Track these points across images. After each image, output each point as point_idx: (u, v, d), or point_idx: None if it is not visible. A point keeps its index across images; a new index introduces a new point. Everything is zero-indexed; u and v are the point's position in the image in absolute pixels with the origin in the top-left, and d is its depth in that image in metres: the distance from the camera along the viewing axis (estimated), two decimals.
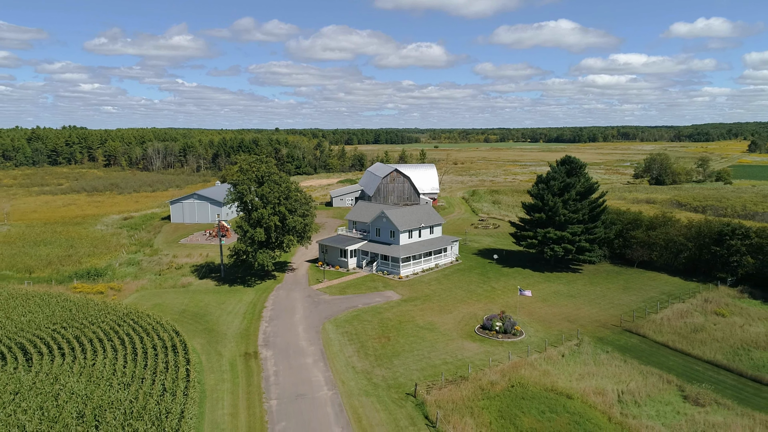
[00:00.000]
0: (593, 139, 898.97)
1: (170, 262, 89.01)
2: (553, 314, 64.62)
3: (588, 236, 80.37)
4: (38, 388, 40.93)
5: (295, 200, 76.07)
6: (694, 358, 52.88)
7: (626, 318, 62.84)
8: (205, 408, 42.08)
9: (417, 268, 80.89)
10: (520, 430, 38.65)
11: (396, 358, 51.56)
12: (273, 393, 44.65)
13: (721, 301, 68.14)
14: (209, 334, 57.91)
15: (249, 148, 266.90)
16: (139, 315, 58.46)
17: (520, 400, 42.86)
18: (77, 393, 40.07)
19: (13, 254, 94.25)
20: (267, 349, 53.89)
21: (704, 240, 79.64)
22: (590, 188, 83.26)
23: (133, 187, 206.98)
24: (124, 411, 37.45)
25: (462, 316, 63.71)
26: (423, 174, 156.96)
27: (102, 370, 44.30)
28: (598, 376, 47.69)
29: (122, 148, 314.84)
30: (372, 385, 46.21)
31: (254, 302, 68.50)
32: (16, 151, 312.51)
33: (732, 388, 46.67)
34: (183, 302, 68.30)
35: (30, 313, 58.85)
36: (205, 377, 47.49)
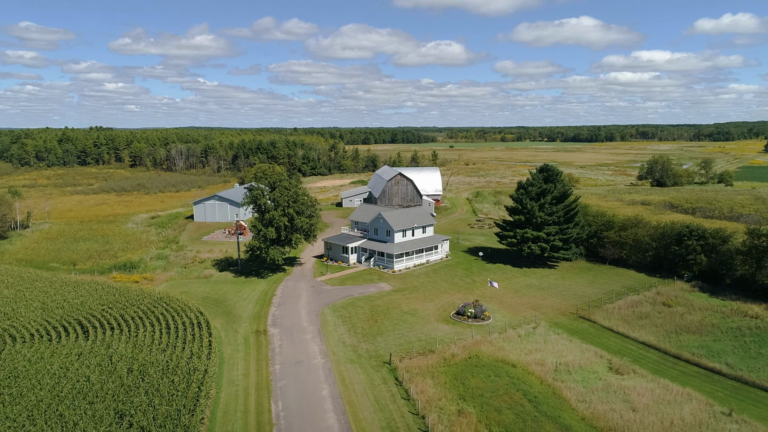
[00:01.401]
0: (610, 138, 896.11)
1: (194, 256, 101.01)
2: (521, 303, 74.90)
3: (562, 236, 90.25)
4: (96, 352, 52.86)
5: (302, 203, 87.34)
6: (631, 339, 62.86)
7: (583, 307, 72.87)
8: (223, 369, 53.56)
9: (409, 263, 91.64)
10: (467, 387, 49.32)
11: (379, 336, 62.51)
12: (277, 360, 55.98)
13: (672, 293, 77.66)
14: (227, 316, 69.53)
15: (267, 150, 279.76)
16: (169, 299, 70.39)
17: (473, 368, 53.49)
18: (125, 355, 51.88)
19: (58, 249, 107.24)
20: (274, 327, 65.28)
21: (667, 240, 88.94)
22: (565, 193, 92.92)
23: (158, 188, 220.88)
24: (162, 368, 49.09)
25: (442, 304, 74.36)
26: (427, 176, 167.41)
27: (143, 340, 56.13)
28: (543, 352, 57.98)
29: (147, 149, 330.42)
30: (357, 355, 57.26)
31: (266, 291, 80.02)
32: (48, 152, 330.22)
33: (654, 363, 56.61)
34: (205, 290, 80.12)
35: (81, 297, 71.21)
36: (224, 348, 59.01)
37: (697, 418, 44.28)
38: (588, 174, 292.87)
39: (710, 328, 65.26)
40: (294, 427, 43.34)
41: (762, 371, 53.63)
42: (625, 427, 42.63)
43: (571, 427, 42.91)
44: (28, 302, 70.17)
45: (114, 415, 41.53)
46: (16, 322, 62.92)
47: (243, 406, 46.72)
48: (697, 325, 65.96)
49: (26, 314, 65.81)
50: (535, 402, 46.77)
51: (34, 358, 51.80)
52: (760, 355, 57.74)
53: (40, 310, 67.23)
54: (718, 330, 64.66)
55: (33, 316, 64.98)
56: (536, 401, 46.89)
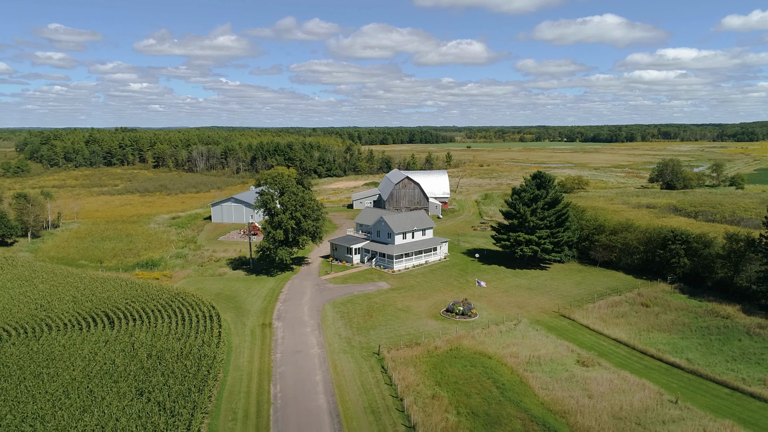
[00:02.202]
0: (631, 138, 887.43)
1: (210, 255, 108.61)
2: (508, 302, 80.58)
3: (553, 239, 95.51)
4: (120, 339, 60.31)
5: (308, 207, 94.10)
6: (605, 336, 68.19)
7: (565, 306, 78.26)
8: (231, 357, 60.54)
9: (409, 263, 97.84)
10: (444, 375, 55.45)
11: (372, 330, 68.91)
12: (279, 349, 62.78)
13: (652, 294, 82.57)
14: (237, 310, 76.63)
15: (284, 152, 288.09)
16: (185, 295, 77.79)
17: (453, 359, 59.58)
18: (145, 343, 59.21)
19: (86, 247, 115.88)
20: (279, 321, 72.15)
21: (653, 244, 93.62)
22: (556, 199, 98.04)
23: (179, 188, 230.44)
24: (176, 354, 56.23)
25: (434, 302, 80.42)
26: (435, 180, 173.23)
27: (161, 329, 63.42)
28: (519, 346, 63.72)
29: (170, 150, 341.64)
30: (350, 346, 63.76)
31: (274, 288, 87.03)
32: (76, 153, 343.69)
33: (621, 357, 61.96)
34: (219, 287, 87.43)
35: (107, 292, 79.05)
36: (233, 338, 66.03)
37: (645, 405, 49.78)
38: (601, 176, 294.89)
39: (681, 326, 70.24)
40: (288, 406, 50.00)
41: (717, 366, 58.72)
42: (577, 410, 48.36)
43: (530, 410, 48.78)
44: (61, 296, 78.27)
45: (135, 392, 48.70)
46: (51, 313, 70.92)
47: (246, 388, 53.57)
48: (669, 324, 70.99)
49: (60, 306, 73.82)
50: (502, 389, 52.72)
51: (68, 344, 59.46)
52: (720, 351, 62.70)
53: (71, 303, 75.22)
54: (688, 329, 69.61)
55: (66, 308, 72.94)
56: (503, 388, 52.83)
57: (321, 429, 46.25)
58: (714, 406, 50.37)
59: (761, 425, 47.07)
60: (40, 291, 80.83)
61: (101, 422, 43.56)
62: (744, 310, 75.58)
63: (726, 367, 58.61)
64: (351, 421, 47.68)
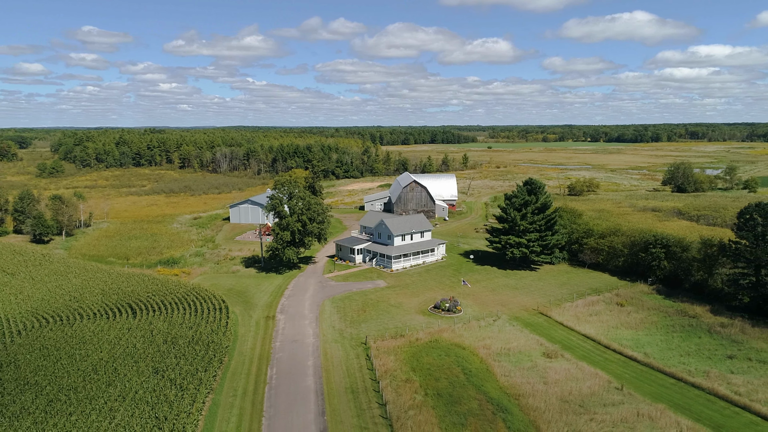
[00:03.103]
0: (656, 138, 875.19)
1: (226, 254, 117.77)
2: (493, 300, 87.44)
3: (541, 242, 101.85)
4: (140, 327, 69.39)
5: (314, 211, 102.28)
6: (576, 332, 74.61)
7: (545, 304, 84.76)
8: (236, 344, 69.03)
9: (406, 264, 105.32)
10: (420, 362, 62.92)
11: (364, 323, 76.69)
12: (279, 338, 71.06)
13: (629, 295, 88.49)
14: (246, 304, 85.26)
15: (303, 154, 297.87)
16: (200, 290, 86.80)
17: (430, 349, 66.97)
18: (162, 330, 68.13)
19: (114, 245, 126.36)
20: (281, 314, 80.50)
21: (637, 248, 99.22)
22: (546, 205, 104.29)
23: (202, 189, 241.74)
24: (188, 340, 64.95)
25: (425, 299, 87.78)
26: (444, 183, 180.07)
27: (176, 319, 72.35)
28: (493, 339, 70.70)
29: (195, 152, 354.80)
30: (341, 337, 71.68)
31: (280, 285, 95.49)
32: (106, 154, 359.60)
33: (585, 351, 68.42)
34: (231, 283, 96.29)
35: (132, 286, 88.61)
36: (239, 328, 74.58)
37: (592, 390, 56.50)
38: (615, 178, 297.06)
39: (648, 324, 76.28)
40: (281, 386, 58.16)
41: (670, 359, 64.87)
42: (530, 394, 55.35)
43: (488, 393, 55.96)
44: (92, 289, 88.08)
45: (151, 370, 57.48)
46: (83, 304, 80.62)
47: (247, 370, 61.93)
48: (638, 322, 77.06)
49: (90, 298, 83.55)
50: (468, 374, 59.98)
51: (96, 330, 68.76)
52: (678, 347, 68.72)
53: (100, 295, 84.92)
54: (654, 326, 75.61)
55: (95, 300, 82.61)
56: (470, 374, 60.08)
57: (307, 404, 54.27)
58: (655, 393, 56.75)
59: (692, 409, 53.35)
60: (73, 284, 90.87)
61: (123, 394, 52.36)
62: (712, 310, 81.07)
63: (678, 360, 64.70)
64: (333, 398, 55.59)
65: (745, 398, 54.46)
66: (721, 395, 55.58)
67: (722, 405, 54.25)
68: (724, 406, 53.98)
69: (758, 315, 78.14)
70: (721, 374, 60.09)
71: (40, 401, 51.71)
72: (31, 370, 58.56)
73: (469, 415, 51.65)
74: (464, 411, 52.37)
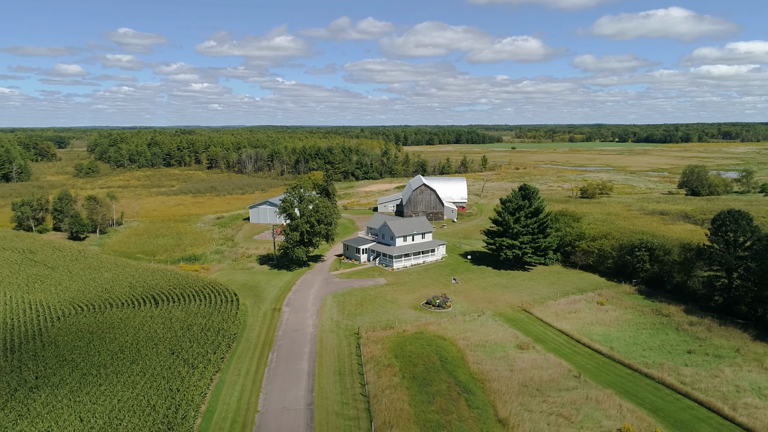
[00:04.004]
0: (687, 139, 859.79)
1: (243, 252, 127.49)
2: (482, 298, 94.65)
3: (533, 245, 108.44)
4: (161, 315, 79.12)
5: (321, 213, 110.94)
6: (553, 327, 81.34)
7: (529, 302, 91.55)
8: (244, 332, 78.12)
9: (407, 263, 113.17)
10: (403, 350, 70.83)
11: (359, 316, 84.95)
12: (282, 328, 79.90)
13: (611, 294, 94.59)
14: (256, 297, 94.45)
15: (324, 156, 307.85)
16: (216, 284, 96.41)
17: (415, 339, 74.81)
18: (180, 318, 77.72)
19: (143, 243, 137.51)
20: (287, 306, 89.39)
21: (624, 251, 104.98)
22: (538, 209, 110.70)
23: (227, 190, 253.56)
24: (202, 327, 74.30)
25: (420, 295, 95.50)
26: (454, 186, 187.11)
27: (193, 309, 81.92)
28: (474, 332, 78.09)
29: (222, 153, 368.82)
30: (337, 328, 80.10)
31: (289, 281, 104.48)
32: (139, 155, 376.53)
33: (556, 344, 75.23)
34: (245, 278, 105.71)
35: (156, 280, 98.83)
36: (248, 319, 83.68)
37: (552, 377, 63.59)
38: (633, 180, 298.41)
39: (621, 322, 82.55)
40: (279, 367, 66.86)
41: (633, 353, 71.24)
42: (495, 379, 62.72)
43: (458, 377, 63.57)
44: (121, 282, 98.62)
45: (168, 352, 66.88)
46: (113, 295, 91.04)
47: (251, 354, 70.85)
48: (613, 320, 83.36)
49: (119, 290, 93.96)
50: (444, 362, 67.66)
51: (123, 317, 78.77)
52: (644, 342, 74.95)
53: (128, 287, 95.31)
54: (627, 324, 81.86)
55: (123, 292, 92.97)
56: (445, 361, 67.76)
57: (299, 383, 62.84)
58: (609, 381, 63.49)
59: (638, 395, 59.97)
60: (105, 278, 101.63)
61: (143, 370, 61.84)
62: (686, 310, 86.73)
63: (640, 354, 71.07)
64: (322, 379, 64.04)
65: (688, 387, 60.84)
66: (668, 384, 62.05)
67: (667, 392, 60.74)
68: (668, 393, 60.48)
69: (728, 315, 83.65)
70: (675, 366, 66.35)
71: (75, 374, 61.54)
72: (68, 349, 68.64)
73: (437, 394, 59.43)
74: (434, 391, 60.15)
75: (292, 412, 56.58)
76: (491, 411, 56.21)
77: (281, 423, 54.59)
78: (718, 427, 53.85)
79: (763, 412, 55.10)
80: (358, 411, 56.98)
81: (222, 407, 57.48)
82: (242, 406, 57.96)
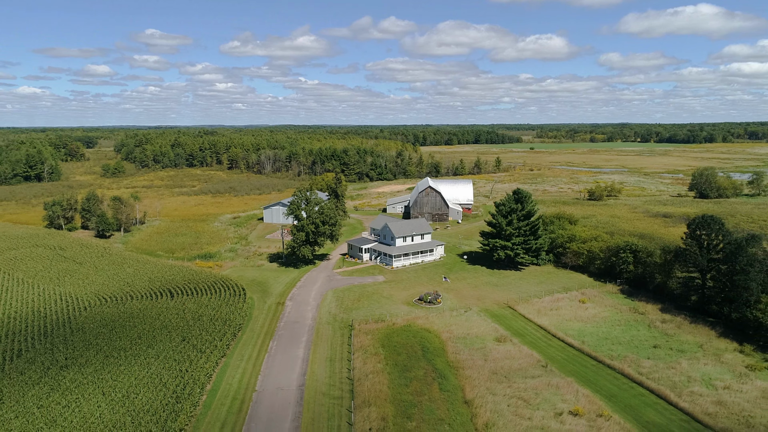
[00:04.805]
0: (710, 139, 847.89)
1: (255, 251, 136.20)
2: (472, 295, 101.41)
3: (525, 246, 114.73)
4: (175, 306, 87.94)
5: (326, 215, 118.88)
6: (533, 323, 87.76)
7: (516, 300, 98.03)
8: (249, 322, 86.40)
9: (406, 262, 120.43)
10: (389, 341, 78.22)
11: (355, 310, 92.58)
12: (283, 320, 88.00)
13: (594, 293, 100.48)
14: (263, 292, 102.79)
15: (340, 157, 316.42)
16: (226, 279, 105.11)
17: (402, 331, 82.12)
18: (192, 309, 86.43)
19: (163, 241, 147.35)
20: (290, 301, 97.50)
21: (610, 253, 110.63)
22: (530, 212, 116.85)
23: (245, 190, 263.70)
24: (211, 317, 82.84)
25: (414, 292, 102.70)
26: (460, 188, 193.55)
27: (204, 301, 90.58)
28: (458, 326, 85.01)
29: (242, 154, 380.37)
30: (334, 320, 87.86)
31: (295, 277, 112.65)
32: (162, 156, 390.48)
33: (534, 338, 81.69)
34: (255, 275, 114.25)
35: (173, 275, 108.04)
36: (254, 311, 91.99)
37: (521, 367, 70.28)
38: (645, 182, 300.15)
39: (598, 319, 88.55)
40: (278, 354, 74.87)
41: (601, 347, 77.38)
42: (469, 367, 69.68)
43: (435, 364, 70.68)
44: (141, 277, 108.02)
45: (180, 338, 75.48)
46: (133, 288, 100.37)
47: (254, 342, 79.02)
48: (590, 317, 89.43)
49: (139, 284, 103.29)
50: (425, 351, 74.84)
51: (142, 308, 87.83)
52: (615, 337, 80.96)
53: (147, 282, 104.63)
54: (603, 321, 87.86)
55: (143, 285, 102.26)
56: (426, 350, 74.93)
57: (294, 368, 70.71)
58: (574, 370, 69.93)
59: (597, 383, 66.32)
60: (127, 273, 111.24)
61: (157, 354, 70.48)
62: (662, 309, 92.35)
63: (608, 348, 77.20)
64: (314, 364, 71.85)
65: (644, 377, 67.02)
66: (626, 374, 68.30)
67: (624, 381, 67.01)
68: (624, 382, 66.75)
69: (700, 314, 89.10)
70: (637, 359, 72.45)
71: (99, 356, 70.46)
72: (93, 335, 77.76)
73: (414, 379, 66.71)
74: (412, 376, 67.44)
75: (285, 392, 64.48)
76: (460, 394, 63.29)
77: (275, 400, 62.53)
78: (662, 411, 60.07)
79: (705, 399, 61.15)
80: (343, 392, 64.62)
81: (225, 386, 65.65)
82: (242, 386, 66.07)
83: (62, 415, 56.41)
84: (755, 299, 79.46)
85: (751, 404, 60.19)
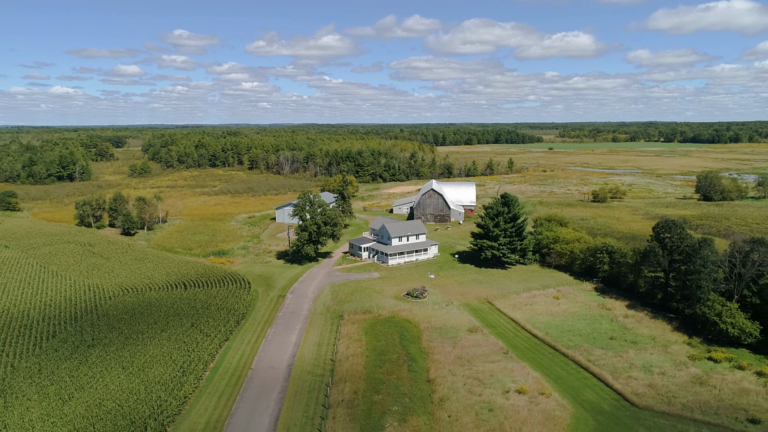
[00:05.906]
0: (736, 139, 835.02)
1: (265, 248, 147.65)
2: (457, 291, 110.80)
3: (510, 246, 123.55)
4: (187, 297, 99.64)
5: (328, 216, 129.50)
6: (507, 316, 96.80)
7: (495, 296, 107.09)
8: (252, 312, 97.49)
9: (401, 260, 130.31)
10: (373, 330, 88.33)
11: (347, 302, 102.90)
12: (282, 310, 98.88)
13: (568, 291, 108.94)
14: (267, 286, 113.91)
15: (354, 159, 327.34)
16: (235, 274, 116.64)
17: (386, 322, 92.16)
18: (201, 299, 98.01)
19: (182, 239, 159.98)
20: (291, 294, 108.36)
21: (588, 253, 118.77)
22: (516, 215, 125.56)
23: (263, 190, 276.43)
24: (218, 306, 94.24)
25: (404, 287, 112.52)
26: (464, 190, 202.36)
27: (213, 292, 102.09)
28: (438, 317, 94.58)
29: (262, 155, 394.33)
30: (327, 311, 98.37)
31: (298, 273, 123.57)
32: (186, 156, 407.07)
33: (504, 330, 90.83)
34: (262, 270, 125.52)
35: (188, 270, 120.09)
36: (257, 302, 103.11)
37: (485, 353, 79.63)
38: (654, 184, 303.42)
39: (567, 314, 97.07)
40: (273, 340, 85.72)
41: (562, 338, 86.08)
42: (438, 352, 79.32)
43: (409, 350, 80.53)
44: (160, 271, 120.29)
45: (189, 324, 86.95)
46: (152, 281, 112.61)
47: (254, 329, 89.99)
48: (561, 312, 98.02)
49: (158, 277, 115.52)
50: (402, 338, 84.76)
51: (159, 298, 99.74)
52: (577, 329, 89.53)
53: (165, 275, 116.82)
54: (573, 316, 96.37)
55: (161, 278, 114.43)
56: (403, 338, 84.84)
57: (286, 350, 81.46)
58: (531, 357, 79.01)
59: (548, 368, 75.33)
60: (148, 267, 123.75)
61: (169, 336, 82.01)
62: (629, 305, 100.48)
63: (568, 338, 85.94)
64: (304, 348, 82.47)
65: (591, 363, 75.80)
66: (576, 360, 77.19)
67: (573, 367, 75.90)
68: (573, 368, 75.63)
69: (662, 310, 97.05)
70: (590, 348, 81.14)
71: (120, 338, 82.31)
72: (116, 320, 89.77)
73: (387, 361, 76.74)
74: (386, 359, 77.48)
75: (275, 370, 75.20)
76: (425, 374, 73.10)
77: (266, 376, 73.28)
78: (599, 392, 68.94)
79: (638, 383, 69.82)
80: (325, 371, 75.03)
81: (225, 365, 76.68)
82: (240, 364, 77.02)
83: (89, 383, 68.08)
84: (705, 297, 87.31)
85: (678, 387, 68.68)
